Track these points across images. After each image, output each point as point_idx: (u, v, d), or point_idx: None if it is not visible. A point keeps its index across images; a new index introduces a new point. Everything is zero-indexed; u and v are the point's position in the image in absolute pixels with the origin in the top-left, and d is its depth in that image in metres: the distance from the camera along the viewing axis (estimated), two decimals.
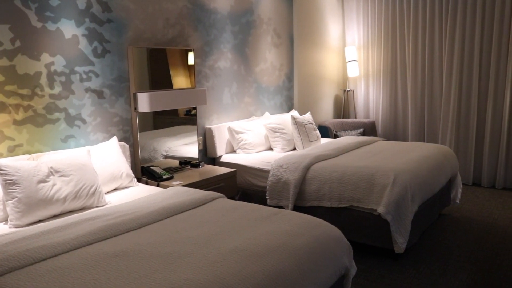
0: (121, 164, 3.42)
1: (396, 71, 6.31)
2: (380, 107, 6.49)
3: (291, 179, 3.94)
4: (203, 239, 2.27)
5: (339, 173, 3.76)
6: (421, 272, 3.38)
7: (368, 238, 3.60)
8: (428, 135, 6.11)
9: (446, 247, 3.83)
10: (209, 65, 4.58)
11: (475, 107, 5.60)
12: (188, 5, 4.28)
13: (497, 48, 5.37)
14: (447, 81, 5.79)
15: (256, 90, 5.24)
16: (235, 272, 1.90)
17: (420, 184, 3.67)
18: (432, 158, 4.12)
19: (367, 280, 3.27)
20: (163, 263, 1.99)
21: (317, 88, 6.29)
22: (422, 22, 5.94)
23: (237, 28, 4.89)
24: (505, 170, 5.50)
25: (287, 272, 2.03)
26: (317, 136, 4.96)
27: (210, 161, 4.68)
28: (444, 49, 5.81)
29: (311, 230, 2.42)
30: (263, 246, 2.15)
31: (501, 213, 4.62)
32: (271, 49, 5.43)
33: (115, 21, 3.64)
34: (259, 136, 4.76)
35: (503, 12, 5.28)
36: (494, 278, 3.27)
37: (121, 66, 3.71)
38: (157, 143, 4.05)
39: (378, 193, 3.52)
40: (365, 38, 6.56)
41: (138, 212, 2.63)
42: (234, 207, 2.81)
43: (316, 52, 6.19)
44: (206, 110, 4.60)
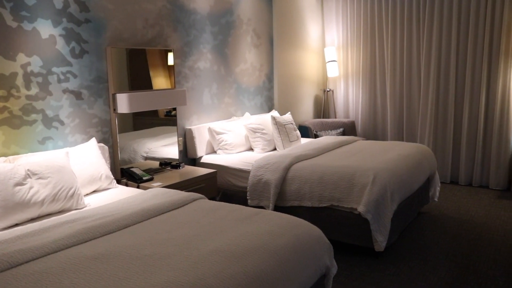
0: (100, 165, 3.38)
1: (375, 71, 6.38)
2: (360, 107, 6.55)
3: (271, 179, 3.95)
4: (184, 240, 2.26)
5: (320, 173, 3.79)
6: (401, 269, 3.42)
7: (349, 237, 3.63)
8: (407, 135, 6.19)
9: (425, 244, 3.88)
10: (189, 66, 4.56)
11: (452, 107, 5.70)
12: (168, 5, 4.26)
13: (473, 49, 5.47)
14: (425, 81, 5.87)
15: (236, 91, 5.24)
16: (216, 273, 1.89)
17: (399, 183, 3.71)
18: (411, 157, 4.17)
19: (348, 278, 3.30)
20: (143, 265, 1.97)
21: (297, 89, 6.31)
22: (400, 23, 6.01)
23: (217, 28, 4.88)
24: (481, 169, 5.60)
25: (268, 272, 2.03)
26: (297, 136, 4.98)
27: (190, 162, 4.66)
28: (421, 50, 5.89)
29: (292, 230, 2.43)
30: (244, 247, 2.15)
31: (477, 210, 4.70)
32: (251, 49, 5.43)
33: (93, 21, 3.60)
34: (239, 137, 4.76)
35: (478, 14, 5.38)
36: (471, 273, 3.33)
37: (100, 67, 3.67)
38: (137, 144, 4.01)
39: (358, 193, 3.55)
40: (344, 39, 6.61)
41: (118, 214, 2.61)
42: (215, 208, 2.80)
43: (296, 53, 6.21)
44: (186, 110, 4.58)
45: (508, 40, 5.23)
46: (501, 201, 5.01)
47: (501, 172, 5.44)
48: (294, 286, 2.17)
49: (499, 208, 4.79)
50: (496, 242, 3.90)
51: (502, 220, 4.42)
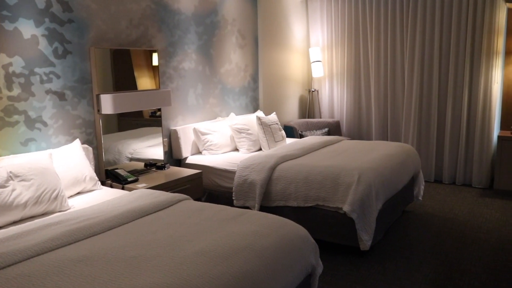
0: (85, 167, 3.35)
1: (359, 71, 6.42)
2: (345, 107, 6.58)
3: (257, 179, 3.95)
4: (169, 241, 2.25)
5: (305, 173, 3.80)
6: (386, 268, 3.45)
7: (334, 236, 3.64)
8: (391, 134, 6.24)
9: (409, 242, 3.92)
10: (174, 66, 4.55)
11: (435, 107, 5.76)
12: (152, 5, 4.23)
13: (455, 50, 5.53)
14: (408, 81, 5.93)
15: (221, 91, 5.24)
16: (201, 274, 1.89)
17: (384, 182, 3.74)
18: (395, 156, 4.20)
19: (333, 277, 3.31)
20: (128, 267, 1.96)
21: (282, 89, 6.33)
22: (384, 24, 6.06)
23: (202, 29, 4.87)
24: (464, 167, 5.67)
25: (254, 273, 2.03)
26: (282, 136, 4.99)
27: (175, 162, 4.65)
28: (405, 50, 5.95)
29: (277, 230, 2.44)
30: (230, 247, 2.15)
31: (461, 208, 4.76)
32: (236, 50, 5.43)
33: (77, 21, 3.57)
34: (224, 137, 4.75)
35: (460, 15, 5.44)
36: (455, 270, 3.37)
37: (83, 67, 3.64)
38: (122, 145, 3.99)
39: (343, 192, 3.57)
40: (329, 39, 6.64)
41: (102, 216, 2.59)
42: (200, 209, 2.79)
43: (280, 53, 6.23)
44: (171, 111, 4.56)
45: (489, 41, 5.31)
46: (484, 199, 5.08)
47: (483, 170, 5.51)
48: (280, 286, 2.17)
49: (481, 206, 4.85)
50: (479, 239, 3.95)
51: (485, 217, 4.48)
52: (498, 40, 5.29)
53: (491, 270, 3.39)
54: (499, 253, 3.66)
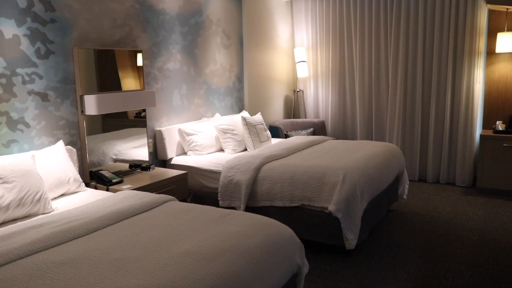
0: (68, 168, 3.32)
1: (344, 71, 6.45)
2: (330, 107, 6.61)
3: (242, 179, 3.95)
4: (154, 243, 2.24)
5: (290, 173, 3.81)
6: (372, 266, 3.47)
7: (320, 235, 3.66)
8: (376, 134, 6.28)
9: (394, 241, 3.95)
10: (158, 67, 4.52)
11: (419, 107, 5.82)
12: (136, 5, 4.21)
13: (438, 51, 5.60)
14: (392, 81, 5.98)
15: (206, 92, 5.22)
16: (187, 275, 1.88)
17: (369, 181, 3.77)
18: (380, 156, 4.23)
19: (319, 277, 3.33)
20: (113, 269, 1.95)
21: (267, 89, 6.33)
22: (368, 25, 6.10)
23: (186, 29, 4.85)
24: (448, 166, 5.74)
25: (240, 273, 2.03)
26: (267, 136, 5.00)
27: (160, 163, 4.62)
28: (389, 51, 5.99)
29: (263, 230, 2.44)
30: (215, 248, 2.15)
31: (444, 207, 4.81)
32: (220, 50, 5.42)
33: (59, 21, 3.53)
34: (210, 138, 4.74)
35: (442, 16, 5.51)
36: (439, 267, 3.41)
37: (67, 68, 3.60)
38: (106, 146, 3.96)
39: (328, 192, 3.58)
40: (313, 39, 6.66)
41: (87, 217, 2.57)
42: (186, 210, 2.78)
43: (265, 53, 6.23)
44: (155, 112, 4.54)
45: (471, 41, 5.37)
46: (467, 197, 5.14)
47: (466, 169, 5.58)
48: (265, 286, 2.17)
49: (465, 204, 4.91)
50: (462, 237, 4.00)
51: (468, 215, 4.53)
52: (479, 40, 5.36)
53: (474, 267, 3.43)
54: (482, 250, 3.71)
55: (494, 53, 5.43)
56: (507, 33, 5.19)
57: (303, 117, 6.87)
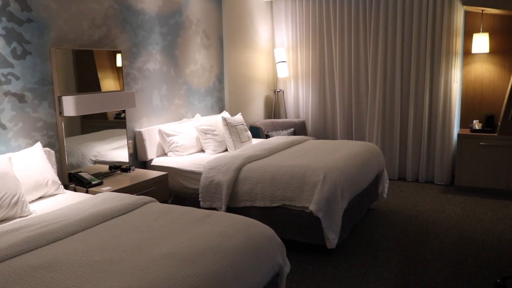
0: (46, 171, 3.27)
1: (324, 71, 6.49)
2: (310, 107, 6.64)
3: (223, 180, 3.94)
4: (135, 245, 2.22)
5: (271, 173, 3.81)
6: (353, 265, 3.50)
7: (301, 235, 3.67)
8: (356, 133, 6.33)
9: (375, 240, 3.99)
10: (138, 67, 4.49)
11: (398, 107, 5.88)
12: (115, 5, 4.17)
13: (417, 51, 5.67)
14: (372, 81, 6.03)
15: (186, 92, 5.20)
16: (168, 277, 1.87)
17: (349, 180, 3.80)
18: (360, 155, 4.27)
19: (301, 276, 3.34)
20: (93, 272, 1.93)
21: (247, 89, 6.34)
22: (347, 25, 6.15)
23: (166, 29, 4.83)
24: (427, 165, 5.82)
25: (221, 274, 2.03)
26: (248, 136, 5.00)
27: (141, 165, 4.59)
28: (368, 51, 6.05)
29: (244, 231, 2.44)
30: (196, 249, 2.14)
31: (424, 205, 4.88)
32: (200, 50, 5.40)
33: (36, 20, 3.47)
34: (190, 138, 4.72)
35: (420, 17, 5.58)
36: (419, 265, 3.45)
37: (44, 69, 3.55)
38: (86, 148, 3.91)
39: (309, 191, 3.60)
40: (293, 40, 6.68)
41: (65, 220, 2.53)
42: (166, 211, 2.77)
43: (246, 54, 6.23)
44: (135, 113, 4.50)
45: (449, 42, 5.46)
46: (445, 195, 5.22)
47: (444, 168, 5.67)
48: (247, 286, 2.17)
49: (443, 202, 4.99)
50: (441, 234, 4.06)
51: (446, 213, 4.60)
52: (456, 41, 5.45)
53: (452, 264, 3.49)
54: (460, 247, 3.77)
55: (470, 53, 5.53)
56: (482, 34, 5.29)
57: (284, 117, 6.89)
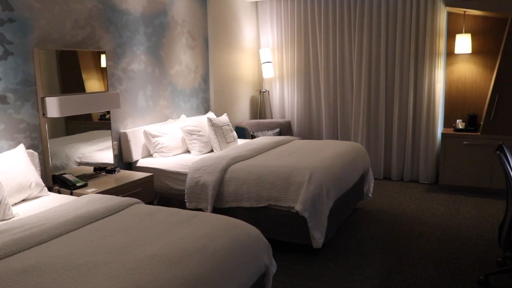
0: (30, 173, 3.23)
1: (309, 72, 6.51)
2: (295, 107, 6.66)
3: (209, 181, 3.94)
4: (120, 246, 2.21)
5: (257, 173, 3.82)
6: (339, 264, 3.52)
7: (287, 235, 3.68)
8: (341, 133, 6.37)
9: (361, 239, 4.01)
10: (122, 68, 4.46)
11: (383, 106, 5.93)
12: (99, 5, 4.13)
13: (401, 51, 5.72)
14: (357, 81, 6.07)
15: (171, 93, 5.18)
16: (153, 279, 1.86)
17: (335, 180, 3.81)
18: (345, 155, 4.29)
19: (287, 276, 3.35)
20: (77, 275, 1.91)
21: (233, 90, 6.33)
22: (332, 25, 6.17)
23: (151, 29, 4.80)
24: (411, 164, 5.88)
25: (207, 275, 2.02)
26: (234, 137, 5.00)
27: (126, 166, 4.56)
28: (353, 52, 6.09)
29: (229, 231, 2.44)
30: (182, 250, 2.13)
31: (409, 204, 4.92)
32: (186, 51, 5.39)
33: (18, 20, 3.43)
34: (175, 139, 4.71)
35: (404, 18, 5.63)
36: (404, 264, 3.48)
37: (27, 69, 3.50)
38: (70, 149, 3.87)
39: (295, 191, 3.61)
40: (279, 40, 6.70)
41: (49, 223, 2.50)
42: (152, 212, 2.75)
43: (231, 54, 6.23)
44: (120, 114, 4.47)
45: (432, 42, 5.52)
46: (430, 194, 5.27)
47: (429, 167, 5.73)
48: (233, 287, 2.17)
49: (428, 200, 5.04)
50: (426, 233, 4.10)
51: (431, 212, 4.65)
52: (439, 41, 5.51)
53: (437, 261, 3.52)
54: (444, 245, 3.82)
55: (453, 54, 5.59)
56: (465, 35, 5.35)
57: (269, 117, 6.90)
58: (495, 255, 3.62)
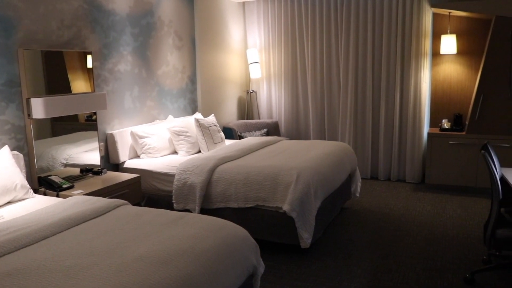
0: (15, 175, 3.19)
1: (296, 72, 6.52)
2: (283, 108, 6.67)
3: (196, 182, 3.93)
4: (107, 248, 2.19)
5: (244, 174, 3.82)
6: (327, 264, 3.53)
7: (275, 235, 3.68)
8: (329, 133, 6.39)
9: (348, 238, 4.03)
10: (109, 69, 4.43)
11: (370, 107, 5.96)
12: (84, 5, 4.10)
13: (387, 52, 5.76)
14: (344, 82, 6.10)
15: (158, 94, 5.16)
16: (141, 280, 1.85)
17: (322, 180, 3.83)
18: (332, 155, 4.31)
19: (275, 276, 3.35)
20: (64, 278, 1.89)
21: (220, 90, 6.32)
22: (319, 26, 6.20)
23: (137, 30, 4.78)
24: (398, 164, 5.92)
25: (195, 276, 2.02)
26: (221, 138, 4.99)
27: (113, 167, 4.53)
28: (340, 53, 6.11)
29: (217, 232, 2.43)
30: (169, 251, 2.12)
31: (396, 203, 4.96)
32: (173, 51, 5.37)
33: (2, 20, 3.39)
34: (163, 140, 4.69)
35: (390, 19, 5.68)
36: (392, 263, 3.51)
37: (11, 70, 3.46)
38: (56, 151, 3.84)
39: (282, 192, 3.61)
40: (266, 41, 6.70)
41: (35, 225, 2.48)
42: (139, 214, 2.74)
43: (218, 54, 6.22)
44: (107, 115, 4.44)
45: (418, 43, 5.56)
46: (416, 193, 5.32)
47: (415, 166, 5.77)
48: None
49: (414, 200, 5.08)
50: (413, 232, 4.13)
51: (417, 211, 4.69)
52: (425, 42, 5.57)
53: (424, 260, 3.55)
54: (431, 244, 3.85)
55: (439, 54, 5.64)
56: (450, 36, 5.40)
57: (257, 118, 6.90)
58: (480, 253, 3.66)
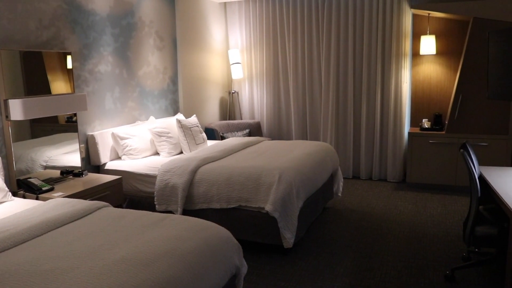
0: None
1: (278, 73, 6.54)
2: (265, 108, 6.68)
3: (178, 183, 3.91)
4: (88, 251, 2.17)
5: (227, 174, 3.81)
6: (310, 263, 3.55)
7: (258, 236, 3.69)
8: (310, 133, 6.42)
9: (331, 237, 4.05)
10: (89, 69, 4.38)
11: (351, 107, 6.01)
12: (63, 5, 4.05)
13: (368, 52, 5.81)
14: (325, 82, 6.13)
15: (139, 94, 5.12)
16: (123, 283, 1.84)
17: (304, 180, 3.84)
18: (314, 155, 4.33)
19: (258, 276, 3.35)
20: (44, 282, 1.87)
21: (202, 91, 6.31)
22: (300, 26, 6.22)
23: (118, 30, 4.74)
24: (380, 163, 5.97)
25: (178, 277, 2.01)
26: (203, 138, 4.98)
27: (94, 169, 4.48)
28: (321, 53, 6.15)
29: (199, 233, 2.43)
30: (151, 253, 2.11)
31: (377, 202, 5.00)
32: (154, 52, 5.34)
33: None
34: (144, 141, 4.66)
35: (371, 19, 5.73)
36: (374, 261, 3.54)
37: None
38: (35, 153, 3.78)
39: (265, 192, 3.62)
40: (247, 41, 6.71)
41: (14, 228, 2.44)
42: (120, 216, 2.72)
43: (200, 55, 6.20)
44: (87, 116, 4.39)
45: (398, 43, 5.63)
46: (398, 192, 5.37)
47: (397, 165, 5.83)
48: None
49: (396, 198, 5.13)
50: (394, 230, 4.17)
51: (399, 210, 4.74)
52: (405, 43, 5.63)
53: (405, 258, 3.59)
54: (412, 242, 3.89)
55: (418, 54, 5.71)
56: (429, 36, 5.48)
57: (239, 118, 6.90)
58: (460, 250, 3.71)
